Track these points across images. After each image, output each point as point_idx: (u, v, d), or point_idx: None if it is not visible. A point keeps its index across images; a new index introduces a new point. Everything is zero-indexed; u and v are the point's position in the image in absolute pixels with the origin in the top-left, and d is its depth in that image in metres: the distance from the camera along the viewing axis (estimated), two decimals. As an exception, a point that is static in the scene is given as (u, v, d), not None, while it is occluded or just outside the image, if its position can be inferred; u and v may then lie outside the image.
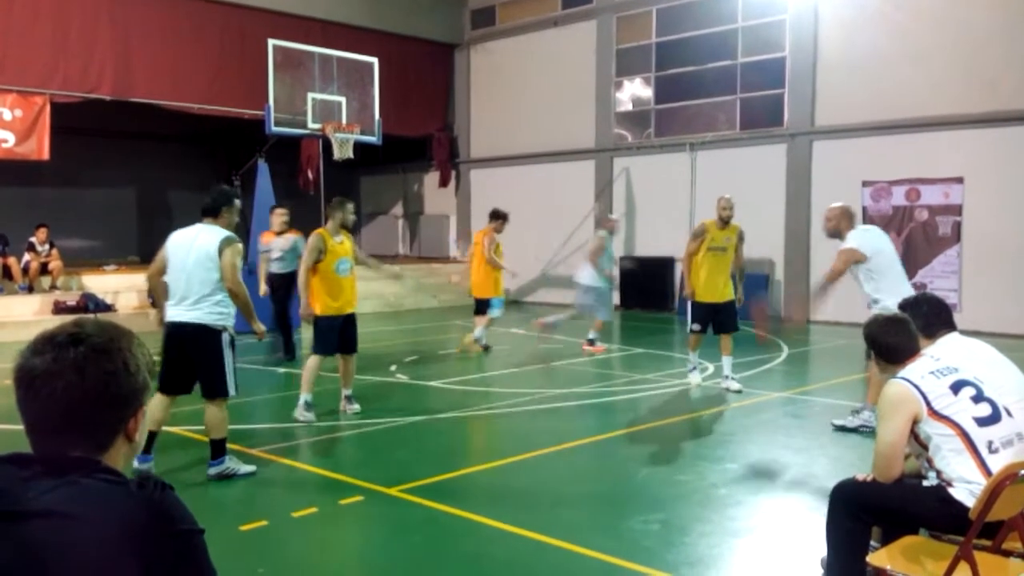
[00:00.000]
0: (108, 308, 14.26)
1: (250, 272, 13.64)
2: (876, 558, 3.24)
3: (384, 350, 11.64)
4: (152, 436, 5.74)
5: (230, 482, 5.91)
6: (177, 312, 5.64)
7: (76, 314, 12.89)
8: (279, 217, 10.55)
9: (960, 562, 2.94)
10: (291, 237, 10.45)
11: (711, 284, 8.65)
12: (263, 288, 10.52)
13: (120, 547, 1.34)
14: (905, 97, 13.93)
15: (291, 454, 6.41)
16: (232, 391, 5.74)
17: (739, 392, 8.63)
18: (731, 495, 5.41)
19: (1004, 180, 13.12)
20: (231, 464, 5.84)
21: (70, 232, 17.65)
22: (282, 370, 10.36)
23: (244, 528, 4.80)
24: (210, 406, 5.72)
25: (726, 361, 8.86)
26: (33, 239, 14.58)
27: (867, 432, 6.63)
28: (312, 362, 7.60)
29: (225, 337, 5.66)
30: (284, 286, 10.41)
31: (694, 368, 9.12)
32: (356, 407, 7.95)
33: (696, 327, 8.76)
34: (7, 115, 14.24)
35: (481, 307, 11.65)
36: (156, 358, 1.34)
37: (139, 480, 1.43)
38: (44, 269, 14.52)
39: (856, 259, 6.77)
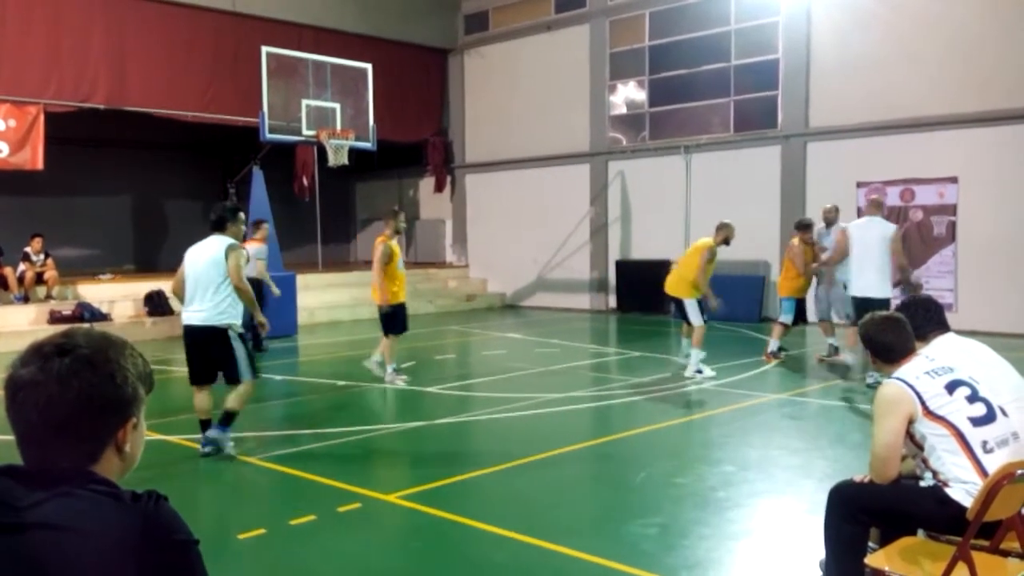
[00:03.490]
0: (104, 317, 14.24)
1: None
2: (874, 559, 3.24)
3: (381, 355, 11.60)
4: (206, 423, 6.49)
5: (227, 490, 5.90)
6: (188, 315, 6.41)
7: (72, 324, 12.87)
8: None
9: (958, 562, 2.94)
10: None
11: None
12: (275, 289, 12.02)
13: (116, 559, 1.34)
14: (899, 97, 13.96)
15: (288, 461, 6.39)
16: (247, 377, 6.41)
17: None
18: (729, 498, 5.41)
19: (998, 180, 13.15)
20: (228, 441, 6.45)
21: (65, 242, 17.63)
22: (279, 378, 10.35)
23: (242, 537, 4.79)
24: (237, 386, 6.45)
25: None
26: (28, 249, 14.55)
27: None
28: (387, 342, 9.49)
29: (232, 333, 6.34)
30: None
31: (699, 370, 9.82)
32: (406, 376, 9.76)
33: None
34: (1, 125, 14.22)
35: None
36: (155, 366, 1.33)
37: (133, 491, 1.42)
38: (39, 279, 14.49)
39: None
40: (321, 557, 4.59)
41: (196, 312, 6.34)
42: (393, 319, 9.49)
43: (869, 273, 8.72)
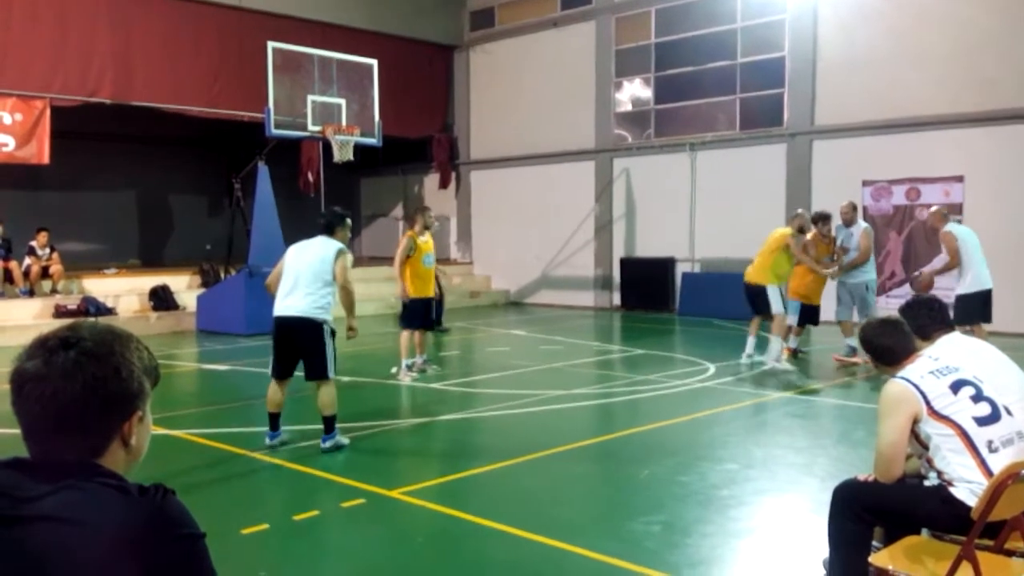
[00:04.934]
0: (109, 312, 14.27)
1: (250, 275, 13.71)
2: (878, 558, 3.24)
3: (385, 352, 11.62)
4: (275, 416, 6.63)
5: (231, 485, 5.91)
6: (283, 306, 6.54)
7: (77, 318, 12.91)
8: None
9: (962, 562, 2.94)
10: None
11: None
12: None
13: (121, 552, 1.34)
14: (905, 96, 13.93)
15: (292, 457, 6.40)
16: (332, 373, 6.57)
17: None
18: (733, 496, 5.41)
19: (1004, 179, 13.11)
20: (340, 438, 6.66)
21: (71, 236, 17.65)
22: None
23: (245, 531, 4.80)
24: (321, 388, 6.54)
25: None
26: (33, 243, 14.59)
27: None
28: (405, 336, 9.66)
29: (326, 328, 6.54)
30: None
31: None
32: (436, 367, 10.16)
33: None
34: (7, 119, 14.24)
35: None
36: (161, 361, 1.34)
37: (140, 484, 1.42)
38: (45, 273, 14.53)
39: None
40: (324, 552, 4.60)
41: (293, 304, 6.49)
42: (408, 312, 9.65)
43: (984, 268, 9.87)
